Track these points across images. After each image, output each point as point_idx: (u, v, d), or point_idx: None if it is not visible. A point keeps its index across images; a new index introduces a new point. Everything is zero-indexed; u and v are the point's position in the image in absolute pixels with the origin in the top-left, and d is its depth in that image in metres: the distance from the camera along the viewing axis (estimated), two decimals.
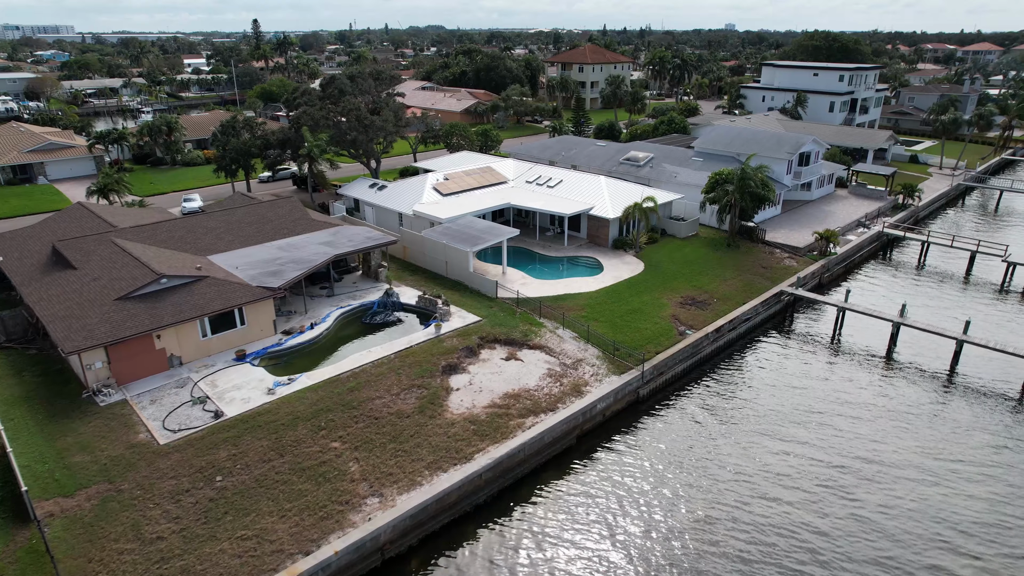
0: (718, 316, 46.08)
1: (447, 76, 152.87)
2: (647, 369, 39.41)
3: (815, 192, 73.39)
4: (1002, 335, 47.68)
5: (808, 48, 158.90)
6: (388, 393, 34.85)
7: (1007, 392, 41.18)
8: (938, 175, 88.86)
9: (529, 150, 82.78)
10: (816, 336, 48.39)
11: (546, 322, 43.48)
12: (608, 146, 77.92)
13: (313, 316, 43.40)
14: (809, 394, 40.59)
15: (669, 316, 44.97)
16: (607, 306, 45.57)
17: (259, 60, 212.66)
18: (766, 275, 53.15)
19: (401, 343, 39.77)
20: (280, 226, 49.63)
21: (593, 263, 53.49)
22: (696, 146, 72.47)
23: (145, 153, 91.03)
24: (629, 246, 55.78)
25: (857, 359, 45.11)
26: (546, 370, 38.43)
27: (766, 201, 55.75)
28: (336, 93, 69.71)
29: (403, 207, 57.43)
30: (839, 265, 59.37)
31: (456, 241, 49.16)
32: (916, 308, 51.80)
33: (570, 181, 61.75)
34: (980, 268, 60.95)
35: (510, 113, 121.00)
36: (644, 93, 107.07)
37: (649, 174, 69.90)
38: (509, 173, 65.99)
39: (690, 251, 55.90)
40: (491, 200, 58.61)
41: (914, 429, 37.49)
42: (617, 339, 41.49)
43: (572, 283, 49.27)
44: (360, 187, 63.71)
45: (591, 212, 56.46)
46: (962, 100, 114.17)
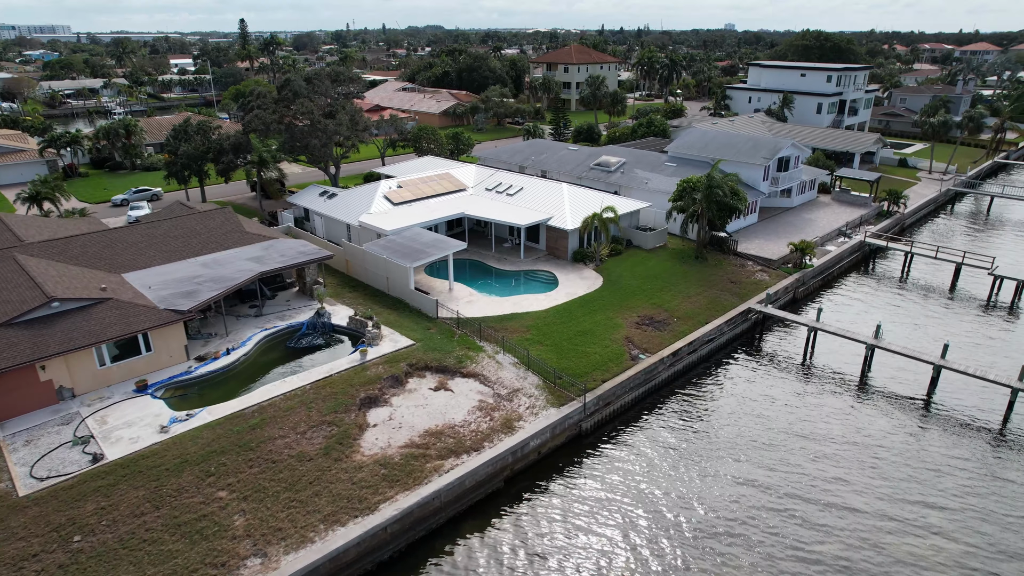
0: (677, 337, 42.58)
1: (430, 77, 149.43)
2: (591, 400, 35.92)
3: (796, 199, 69.86)
4: (985, 356, 44.18)
5: (800, 48, 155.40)
6: (293, 431, 31.40)
7: (987, 423, 37.66)
8: (927, 180, 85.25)
9: (499, 154, 79.28)
10: (785, 358, 44.89)
11: (486, 346, 40.02)
12: (580, 150, 74.44)
13: (234, 339, 39.97)
14: (772, 424, 37.09)
15: (622, 338, 41.47)
16: (555, 327, 42.10)
17: (243, 60, 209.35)
18: (734, 290, 49.63)
19: (320, 371, 36.31)
20: (209, 240, 46.21)
21: (548, 278, 50.02)
22: (670, 150, 68.99)
23: (104, 157, 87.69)
24: (589, 259, 52.31)
25: (828, 384, 41.60)
26: (477, 402, 34.96)
27: (735, 211, 52.21)
28: (290, 96, 66.26)
29: (350, 217, 53.99)
30: (816, 278, 55.83)
31: (397, 256, 45.71)
32: (896, 325, 48.31)
33: (531, 189, 58.28)
34: (966, 281, 57.39)
35: (490, 115, 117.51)
36: (624, 94, 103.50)
37: (619, 180, 66.42)
38: (469, 180, 62.53)
39: (655, 264, 52.39)
40: (445, 209, 55.16)
41: (882, 467, 33.99)
42: (561, 366, 38.02)
43: (522, 300, 45.81)
44: (310, 195, 60.26)
45: (549, 222, 53.01)
46: (955, 101, 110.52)
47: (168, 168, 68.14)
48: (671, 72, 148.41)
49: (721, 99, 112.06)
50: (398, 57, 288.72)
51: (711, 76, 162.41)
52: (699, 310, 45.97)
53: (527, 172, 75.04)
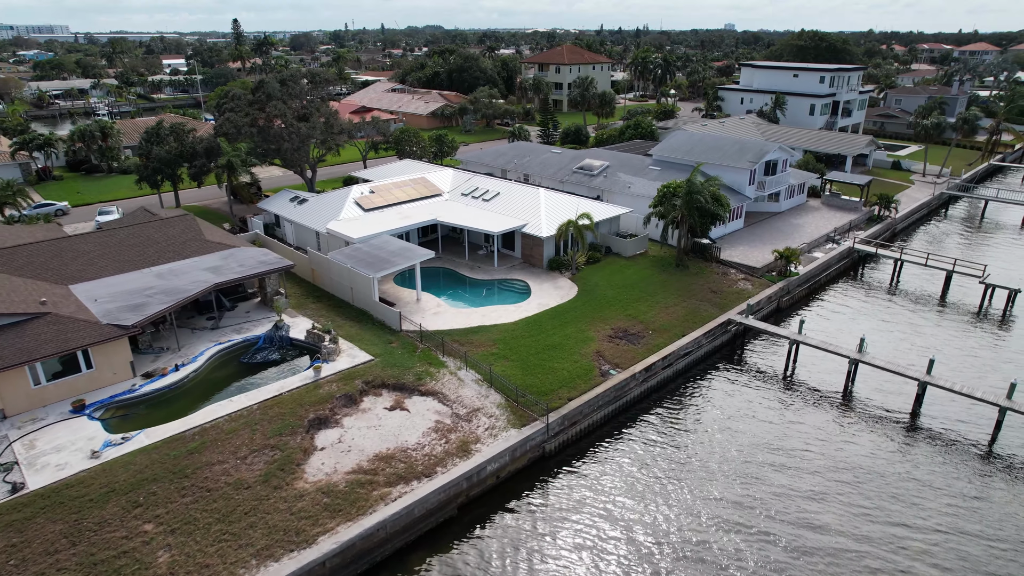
0: (651, 351, 40.70)
1: (420, 77, 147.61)
2: (555, 420, 34.05)
3: (784, 203, 67.96)
4: (973, 370, 42.30)
5: (796, 48, 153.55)
6: (234, 456, 29.56)
7: (974, 442, 35.78)
8: (920, 183, 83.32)
9: (482, 157, 77.47)
10: (766, 372, 43.01)
11: (449, 361, 38.17)
12: (563, 153, 72.59)
13: (186, 354, 38.15)
14: (750, 442, 35.20)
15: (593, 353, 39.60)
16: (524, 340, 40.23)
17: (235, 61, 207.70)
18: (715, 300, 47.74)
19: (270, 390, 34.46)
20: (166, 248, 44.37)
21: (521, 287, 48.16)
22: (654, 154, 67.11)
23: (80, 160, 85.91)
24: (565, 267, 50.44)
25: (810, 399, 39.72)
26: (434, 423, 33.12)
27: (717, 217, 50.32)
28: (264, 98, 64.45)
29: (319, 224, 52.17)
30: (802, 287, 53.93)
31: (361, 265, 43.87)
32: (884, 335, 46.43)
33: (507, 194, 56.42)
34: (957, 289, 55.48)
35: (478, 116, 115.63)
36: (613, 95, 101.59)
37: (602, 184, 64.56)
38: (445, 185, 60.67)
39: (633, 272, 50.51)
40: (418, 216, 53.30)
41: (863, 488, 32.13)
42: (526, 383, 36.16)
43: (491, 312, 43.95)
44: (281, 201, 58.45)
45: (524, 229, 51.16)
46: (950, 102, 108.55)
47: (139, 172, 66.33)
48: (665, 72, 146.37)
49: (713, 100, 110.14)
50: (393, 57, 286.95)
51: (706, 76, 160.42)
52: (676, 322, 44.09)
53: (510, 175, 73.35)
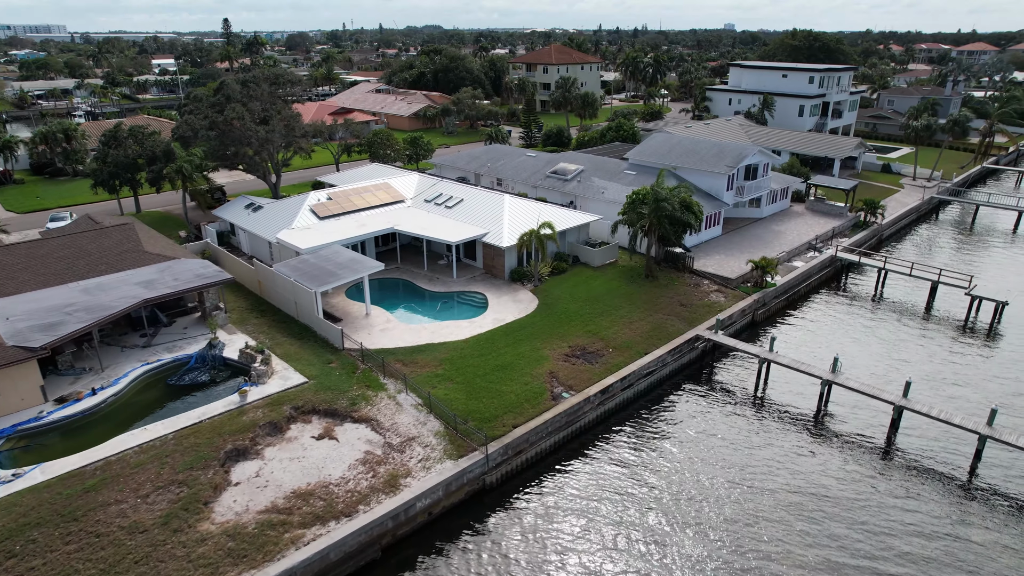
0: (609, 371, 38.09)
1: (406, 78, 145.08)
2: (496, 450, 31.47)
3: (766, 209, 65.32)
4: (956, 391, 39.66)
5: (789, 48, 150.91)
6: (135, 495, 27.01)
7: (953, 471, 33.16)
8: (910, 187, 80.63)
9: (456, 161, 74.94)
10: (736, 392, 40.38)
11: (389, 384, 35.60)
12: (538, 157, 70.01)
13: (108, 376, 35.61)
14: (713, 469, 32.61)
15: (545, 374, 37.00)
16: (472, 360, 37.66)
17: (222, 61, 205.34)
18: (684, 315, 45.12)
19: (191, 417, 31.91)
20: (99, 261, 41.84)
21: (479, 301, 45.58)
22: (630, 157, 64.51)
23: (44, 163, 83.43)
24: (528, 278, 47.89)
25: (780, 423, 37.12)
26: (363, 454, 30.55)
27: (687, 226, 47.72)
28: (223, 100, 61.92)
29: (271, 233, 49.63)
30: (779, 298, 51.28)
31: (305, 278, 41.31)
32: (864, 350, 43.82)
33: (471, 201, 53.83)
34: (943, 300, 52.85)
35: (461, 118, 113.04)
36: (595, 96, 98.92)
37: (575, 189, 61.98)
38: (409, 190, 58.10)
39: (599, 284, 47.91)
40: (375, 224, 50.74)
41: (832, 520, 29.56)
42: (469, 408, 33.60)
43: (443, 328, 41.37)
44: (236, 208, 55.92)
45: (484, 239, 48.58)
46: (943, 103, 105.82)
47: (95, 176, 63.84)
48: (656, 73, 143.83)
49: (700, 101, 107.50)
50: (386, 57, 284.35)
51: (698, 77, 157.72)
52: (640, 338, 41.47)
53: (483, 180, 70.89)
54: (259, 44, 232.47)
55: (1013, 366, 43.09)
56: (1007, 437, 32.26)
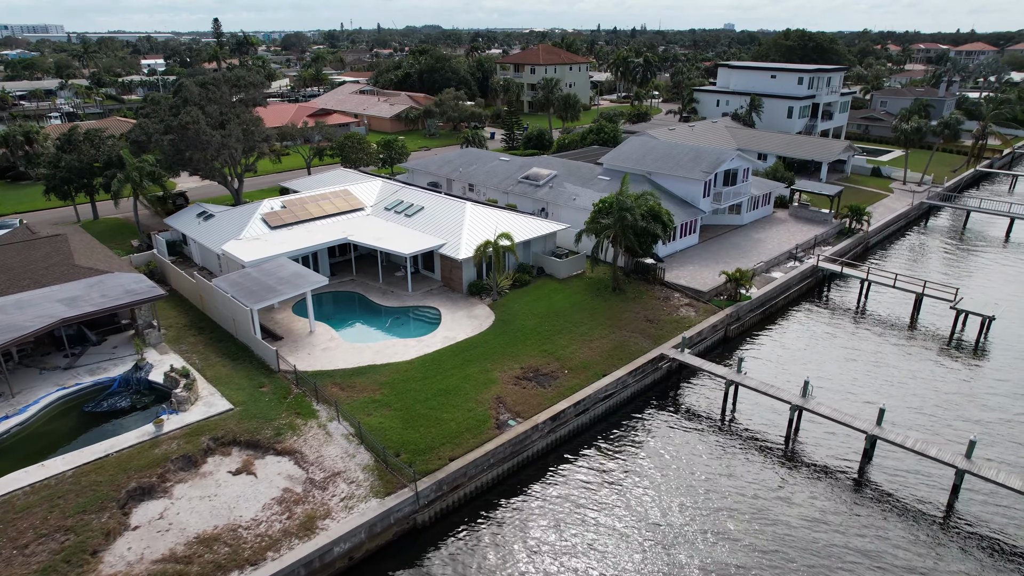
0: (562, 396, 35.50)
1: (392, 78, 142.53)
2: (429, 486, 28.88)
3: (746, 216, 62.67)
4: (935, 415, 37.03)
5: (783, 48, 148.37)
6: (12, 545, 24.43)
7: (929, 508, 30.55)
8: (900, 191, 77.97)
9: (428, 165, 72.41)
10: (701, 416, 37.77)
11: (322, 411, 33.06)
12: (511, 161, 67.46)
13: (17, 402, 33.08)
14: (663, 507, 30.02)
15: (492, 399, 34.42)
16: (415, 384, 35.10)
17: (210, 61, 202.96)
18: (649, 331, 42.51)
19: (96, 450, 29.38)
20: (21, 275, 39.35)
21: (433, 316, 43.01)
22: (605, 162, 61.92)
23: (5, 166, 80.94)
24: (487, 292, 45.34)
25: (745, 452, 34.51)
26: (281, 491, 27.99)
27: (653, 237, 45.13)
28: (180, 103, 59.41)
29: (218, 244, 47.10)
30: (755, 312, 48.67)
31: (243, 294, 38.77)
32: (842, 368, 41.23)
33: (432, 209, 51.26)
34: (928, 314, 50.23)
35: (444, 119, 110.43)
36: (577, 98, 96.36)
37: (547, 196, 59.43)
38: (370, 198, 55.53)
39: (562, 298, 45.32)
40: (328, 234, 48.19)
41: (796, 567, 26.97)
42: (404, 438, 31.05)
43: (389, 347, 38.81)
44: (187, 216, 53.40)
45: (441, 250, 46.04)
46: (936, 105, 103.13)
47: (47, 182, 61.37)
48: (645, 73, 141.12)
49: (688, 102, 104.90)
50: (380, 57, 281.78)
51: (690, 77, 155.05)
52: (599, 358, 38.86)
53: (455, 185, 68.43)
54: (249, 44, 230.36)
55: (998, 388, 40.46)
56: (986, 471, 29.66)
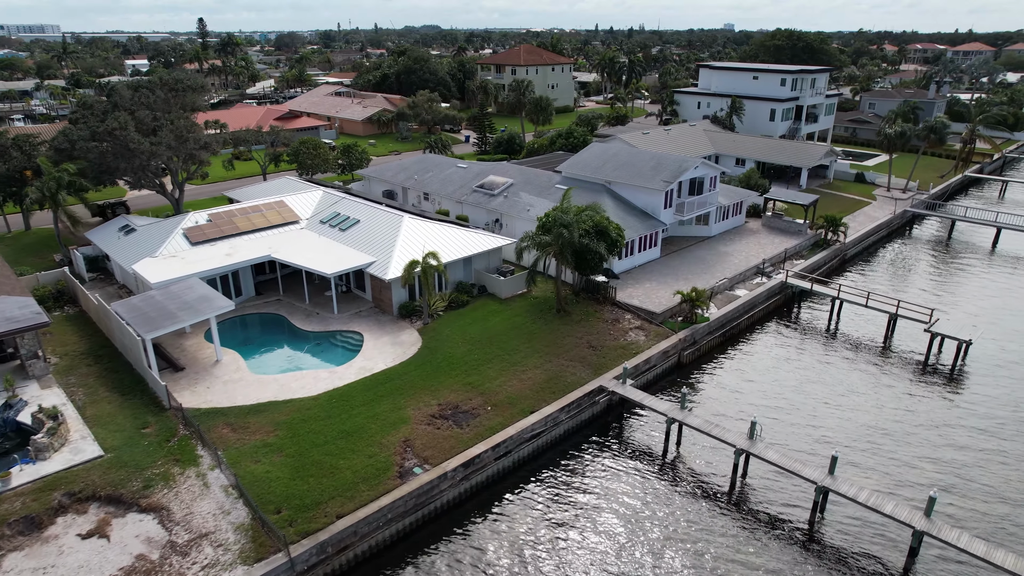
0: (480, 437, 31.87)
1: (370, 79, 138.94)
2: (308, 549, 25.29)
3: (715, 227, 58.97)
4: (903, 454, 33.34)
5: (771, 48, 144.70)
6: None
7: (885, 571, 26.92)
8: (883, 199, 74.22)
9: (383, 172, 68.84)
10: (640, 458, 34.10)
11: (207, 456, 29.48)
12: (469, 168, 63.85)
13: None
14: (583, 567, 26.47)
15: (399, 442, 30.81)
16: (316, 424, 31.51)
17: (191, 62, 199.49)
18: (591, 359, 38.86)
19: None
20: None
21: (355, 342, 39.41)
22: (563, 170, 58.28)
23: None
24: (419, 314, 41.74)
25: (685, 500, 30.88)
26: (134, 559, 24.40)
27: (596, 256, 41.44)
28: (110, 107, 55.87)
29: (132, 261, 43.52)
30: (713, 334, 44.95)
31: (140, 320, 35.19)
32: (804, 400, 37.58)
33: (368, 222, 47.65)
34: (903, 336, 46.56)
35: (417, 122, 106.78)
36: (549, 100, 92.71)
37: (501, 206, 55.86)
38: (306, 210, 51.92)
39: (501, 321, 41.69)
40: (252, 251, 44.59)
41: None
42: (291, 490, 27.47)
43: (297, 379, 35.20)
44: (109, 230, 49.80)
45: (369, 269, 42.45)
46: (926, 107, 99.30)
47: None
48: (630, 74, 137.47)
49: (668, 104, 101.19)
50: (370, 58, 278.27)
51: (679, 78, 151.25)
52: (529, 392, 35.23)
53: (410, 194, 64.96)
54: (234, 44, 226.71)
55: (971, 421, 36.75)
56: (946, 535, 26.00)
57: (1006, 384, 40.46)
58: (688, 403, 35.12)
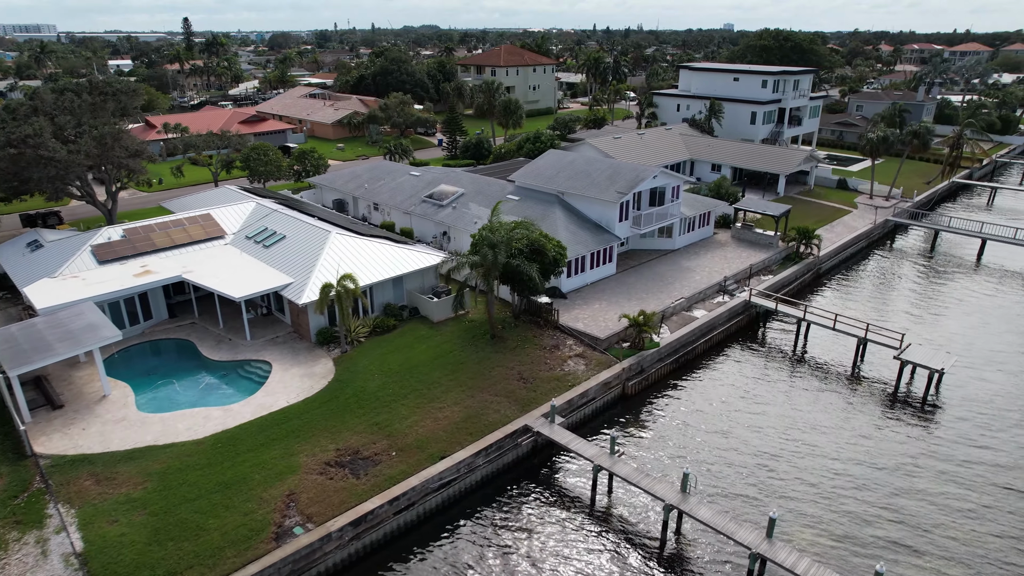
0: (378, 488, 28.26)
1: (347, 81, 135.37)
2: None
3: (679, 239, 55.29)
4: (856, 510, 29.68)
5: (758, 49, 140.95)
6: None
7: None
8: (865, 207, 70.50)
9: (335, 180, 65.31)
10: (567, 508, 30.42)
11: (57, 515, 25.93)
12: (421, 176, 60.28)
13: None
14: None
15: (282, 496, 27.22)
16: (193, 474, 27.95)
17: (172, 63, 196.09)
18: (521, 393, 35.23)
19: None
20: None
21: (262, 373, 35.85)
22: (516, 180, 54.65)
23: None
24: (339, 341, 38.17)
25: (614, 557, 27.28)
26: None
27: (527, 279, 37.76)
28: (30, 112, 52.36)
29: (29, 282, 39.97)
30: (664, 361, 41.23)
31: (11, 354, 31.67)
32: (756, 439, 33.91)
33: (294, 238, 44.08)
34: (873, 362, 42.95)
35: (389, 125, 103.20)
36: (518, 102, 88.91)
37: (449, 218, 52.32)
38: (234, 223, 48.32)
39: (426, 349, 38.07)
40: (163, 270, 41.01)
41: None
42: (145, 558, 23.92)
43: (185, 418, 31.64)
44: (17, 246, 46.28)
45: (285, 292, 38.88)
46: (914, 110, 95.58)
47: None
48: (615, 74, 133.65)
49: (647, 106, 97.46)
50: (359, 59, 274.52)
51: (665, 79, 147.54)
52: (442, 433, 31.63)
53: (360, 203, 61.50)
54: (218, 44, 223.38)
55: (937, 467, 33.03)
56: None
57: (980, 421, 36.74)
58: (618, 447, 31.56)
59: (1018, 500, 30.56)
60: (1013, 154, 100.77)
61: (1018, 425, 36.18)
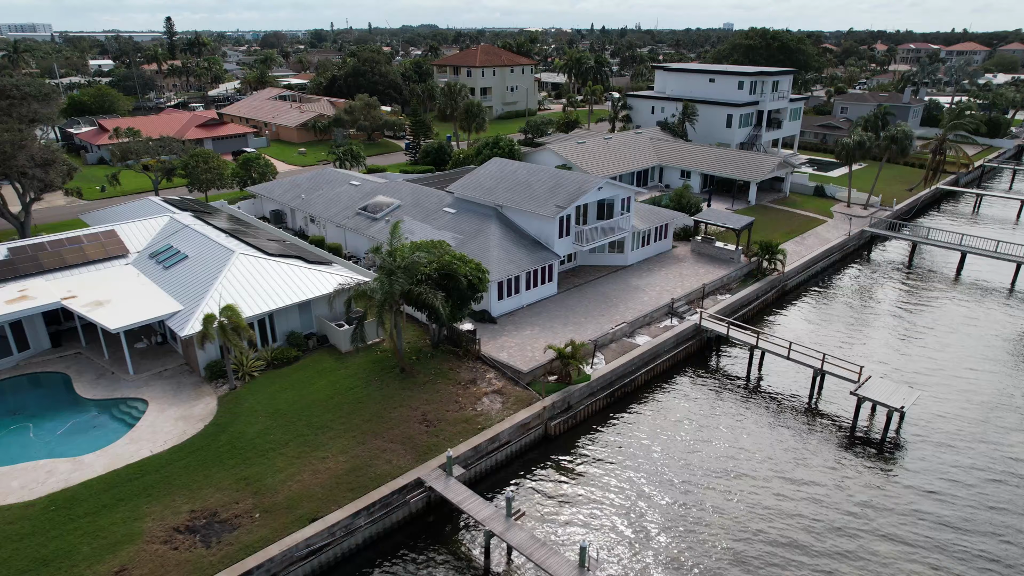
0: (230, 561, 24.38)
1: (321, 82, 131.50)
2: None
3: (632, 255, 51.36)
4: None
5: (744, 48, 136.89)
6: None
7: None
8: (841, 215, 66.50)
9: (274, 190, 61.60)
10: (462, 574, 26.66)
11: None
12: (361, 186, 56.47)
13: None
14: None
15: (110, 574, 23.40)
16: (10, 546, 24.09)
17: (150, 62, 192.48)
18: (422, 438, 31.34)
19: None
20: None
21: (134, 415, 32.01)
22: (454, 191, 50.75)
23: None
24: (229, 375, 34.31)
25: None
26: None
27: (431, 310, 33.89)
28: None
29: None
30: (596, 396, 37.25)
31: None
32: (682, 499, 30.00)
33: (196, 258, 40.20)
34: (832, 393, 39.05)
35: (356, 128, 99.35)
36: (480, 105, 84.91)
37: (380, 232, 48.46)
38: (141, 240, 44.50)
39: (326, 384, 34.21)
40: (41, 295, 37.15)
41: None
42: None
43: (23, 472, 27.82)
44: None
45: (170, 321, 35.04)
46: (899, 112, 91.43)
47: None
48: (596, 75, 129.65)
49: (619, 108, 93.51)
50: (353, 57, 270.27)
51: (651, 80, 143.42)
52: (319, 489, 27.76)
53: (298, 215, 57.83)
54: (201, 44, 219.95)
55: (893, 520, 29.16)
56: None
57: (940, 470, 32.77)
58: (518, 505, 27.64)
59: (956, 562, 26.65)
60: (1003, 158, 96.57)
61: (975, 468, 32.26)
